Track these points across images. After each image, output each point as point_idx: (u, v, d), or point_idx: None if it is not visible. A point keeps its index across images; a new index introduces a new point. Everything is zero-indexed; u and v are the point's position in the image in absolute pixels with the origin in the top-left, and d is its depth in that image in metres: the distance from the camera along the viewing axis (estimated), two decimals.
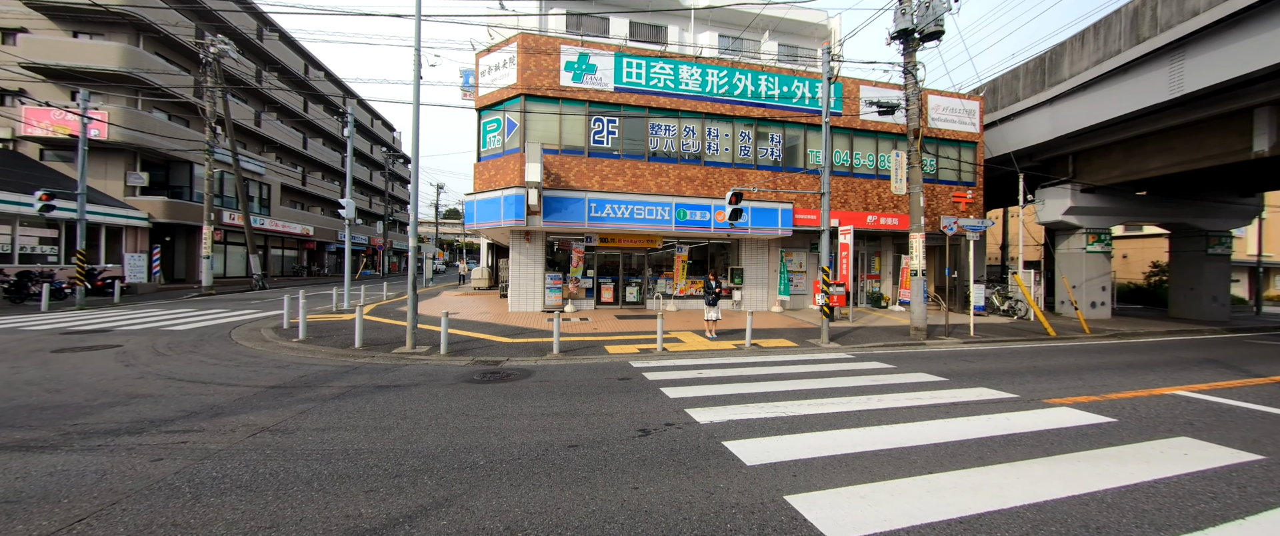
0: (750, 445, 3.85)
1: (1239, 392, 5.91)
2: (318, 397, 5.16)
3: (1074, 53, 13.19)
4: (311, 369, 6.57)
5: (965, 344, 9.61)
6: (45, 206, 12.76)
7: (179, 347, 7.92)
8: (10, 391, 5.21)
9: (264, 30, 27.53)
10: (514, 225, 12.01)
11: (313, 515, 2.73)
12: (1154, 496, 3.10)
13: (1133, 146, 13.18)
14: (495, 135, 12.95)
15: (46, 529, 2.56)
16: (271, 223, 26.90)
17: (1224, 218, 16.24)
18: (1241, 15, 9.20)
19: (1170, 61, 10.72)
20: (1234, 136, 11.08)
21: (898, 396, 5.44)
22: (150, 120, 20.02)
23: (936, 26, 9.78)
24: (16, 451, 3.57)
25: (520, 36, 12.40)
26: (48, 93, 18.84)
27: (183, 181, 22.50)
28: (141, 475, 3.21)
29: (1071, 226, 15.26)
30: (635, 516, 2.76)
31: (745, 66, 13.97)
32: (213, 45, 17.81)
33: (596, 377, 6.20)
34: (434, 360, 7.22)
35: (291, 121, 31.39)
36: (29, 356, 6.99)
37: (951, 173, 15.93)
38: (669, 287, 14.51)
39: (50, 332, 9.08)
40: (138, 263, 18.44)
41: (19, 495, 2.92)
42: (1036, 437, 4.16)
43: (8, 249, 15.61)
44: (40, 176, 17.42)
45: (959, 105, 15.76)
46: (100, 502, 2.84)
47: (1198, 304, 16.23)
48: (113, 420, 4.32)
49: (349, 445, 3.79)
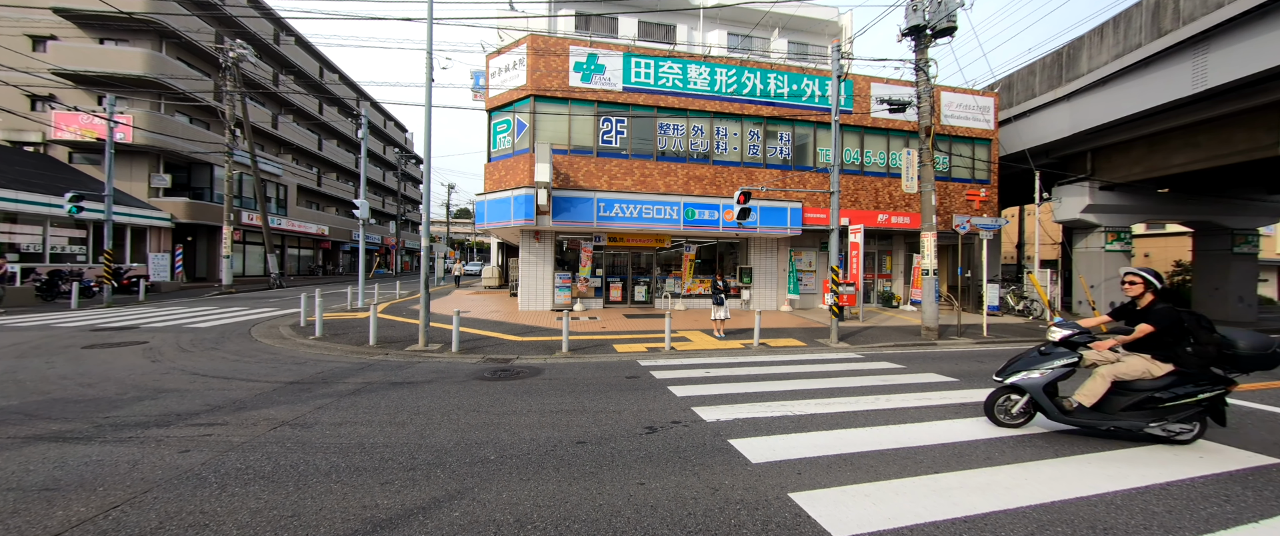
0: (756, 443, 3.89)
1: (1260, 395, 5.76)
2: (334, 393, 5.31)
3: (1093, 47, 12.91)
4: (328, 365, 6.75)
5: (978, 344, 9.49)
6: (75, 207, 13.23)
7: (202, 344, 8.18)
8: (46, 385, 5.45)
9: (281, 34, 28.13)
10: (524, 225, 12.14)
11: (331, 505, 2.84)
12: (1165, 498, 3.08)
13: (1155, 142, 12.85)
14: (505, 136, 13.09)
15: (84, 514, 2.71)
16: (288, 223, 27.51)
17: (1251, 215, 15.76)
18: (1268, 6, 8.94)
19: (1193, 55, 10.45)
20: (1262, 131, 10.75)
21: (906, 396, 5.42)
22: (173, 123, 20.61)
23: (949, 22, 9.64)
24: (54, 442, 3.75)
25: (530, 38, 12.51)
26: (76, 98, 19.51)
27: (204, 183, 23.13)
28: (171, 465, 3.36)
29: (1090, 225, 14.93)
30: (641, 511, 2.82)
31: (754, 65, 13.92)
32: (232, 50, 18.26)
33: (605, 376, 6.28)
34: (446, 357, 7.36)
35: (307, 124, 32.05)
36: (62, 352, 7.29)
37: (965, 170, 15.69)
38: (677, 287, 14.54)
39: (80, 329, 9.44)
40: (161, 262, 19.03)
41: (57, 483, 3.08)
42: (1047, 438, 4.12)
43: (39, 248, 16.22)
44: (69, 179, 18.07)
45: (972, 102, 15.51)
46: (133, 491, 2.98)
47: (1223, 304, 15.78)
48: (142, 413, 4.51)
49: (365, 439, 3.91)
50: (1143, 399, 3.83)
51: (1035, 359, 4.20)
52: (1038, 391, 4.05)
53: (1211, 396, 3.73)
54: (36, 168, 18.04)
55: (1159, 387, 3.81)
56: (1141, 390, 3.85)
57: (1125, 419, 3.88)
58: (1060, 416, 4.02)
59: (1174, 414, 3.80)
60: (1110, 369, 3.93)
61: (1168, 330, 3.81)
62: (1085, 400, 3.93)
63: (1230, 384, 3.76)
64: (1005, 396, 4.33)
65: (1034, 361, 4.18)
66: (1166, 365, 3.85)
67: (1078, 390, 4.01)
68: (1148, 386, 3.84)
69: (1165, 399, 3.77)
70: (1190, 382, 3.76)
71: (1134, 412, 3.87)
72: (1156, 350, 3.90)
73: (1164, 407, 3.80)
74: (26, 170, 17.08)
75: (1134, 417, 3.87)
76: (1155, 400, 3.80)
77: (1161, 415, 3.81)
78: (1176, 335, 3.80)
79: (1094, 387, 3.91)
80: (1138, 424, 3.87)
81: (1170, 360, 3.84)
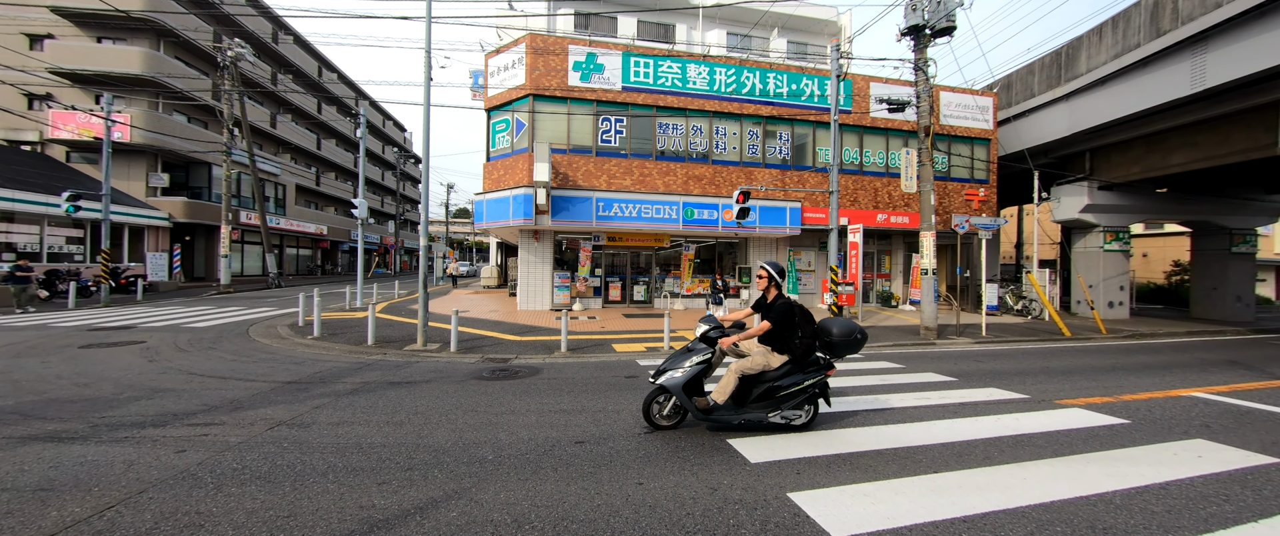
0: (755, 442, 3.88)
1: (1260, 395, 5.77)
2: (332, 393, 5.29)
3: (1092, 47, 12.91)
4: (326, 365, 6.73)
5: (977, 344, 9.49)
6: (73, 206, 13.19)
7: (199, 344, 8.15)
8: (42, 385, 5.43)
9: (279, 33, 28.06)
10: (523, 224, 12.12)
11: (328, 505, 2.82)
12: (1164, 498, 3.07)
13: (1154, 142, 12.86)
14: (504, 135, 13.07)
15: (79, 515, 2.69)
16: (287, 222, 27.45)
17: (1249, 215, 15.78)
18: (1266, 7, 8.94)
19: (1192, 55, 10.45)
20: (1260, 131, 10.75)
21: (905, 396, 5.42)
22: (170, 123, 20.56)
23: (948, 22, 9.65)
24: (50, 442, 3.73)
25: (529, 37, 12.49)
26: (73, 97, 19.44)
27: (202, 182, 23.08)
28: (166, 465, 3.34)
29: (1088, 224, 14.94)
30: (640, 511, 2.81)
31: (753, 65, 13.92)
32: (230, 49, 18.21)
33: (603, 375, 6.27)
34: (444, 357, 7.34)
35: (306, 123, 32.00)
36: (58, 352, 7.26)
37: (964, 170, 15.70)
38: (676, 286, 14.53)
39: (77, 329, 9.41)
40: (159, 261, 18.98)
41: (52, 483, 3.06)
42: (1046, 438, 4.12)
43: (36, 248, 16.17)
44: (67, 178, 18.01)
45: (972, 101, 15.52)
46: (128, 491, 2.96)
47: (1221, 304, 15.80)
48: (138, 413, 4.49)
49: (362, 439, 3.90)
50: (766, 389, 3.98)
51: (681, 356, 4.09)
52: (678, 390, 3.96)
53: (817, 381, 3.99)
54: (34, 167, 17.99)
55: (778, 377, 3.97)
56: (766, 381, 3.98)
57: (752, 411, 4.01)
58: (700, 415, 4.01)
59: (789, 401, 3.98)
60: (738, 363, 3.97)
61: (783, 323, 3.95)
62: (718, 396, 3.96)
63: (829, 368, 4.07)
64: (658, 397, 4.17)
65: (679, 359, 4.07)
66: (783, 356, 4.01)
67: (716, 387, 4.02)
68: (771, 377, 3.98)
69: (783, 387, 3.95)
70: (799, 371, 3.98)
71: (759, 404, 4.00)
72: (776, 342, 4.02)
73: (782, 396, 3.97)
74: (23, 169, 17.03)
75: (759, 409, 4.00)
76: (775, 389, 3.96)
77: (778, 403, 3.98)
78: (790, 328, 3.98)
79: (724, 383, 3.94)
80: (760, 415, 4.00)
81: (786, 351, 4.01)
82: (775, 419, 4.05)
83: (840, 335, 4.04)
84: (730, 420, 4.02)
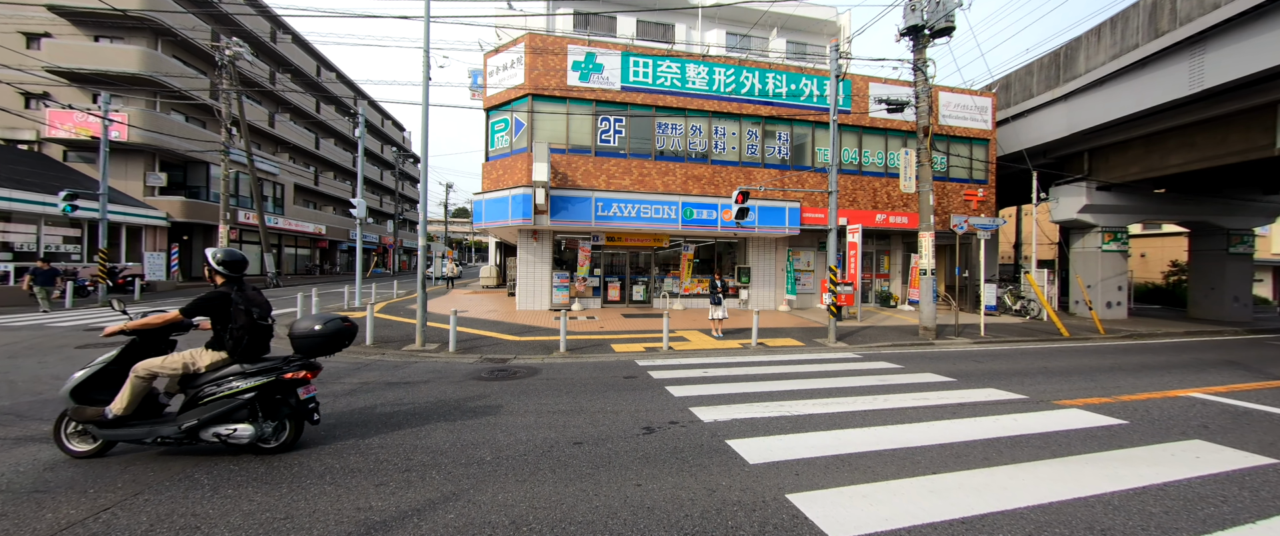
0: (754, 444, 3.87)
1: (1258, 395, 5.78)
2: (330, 393, 5.28)
3: (1090, 47, 12.93)
4: (324, 365, 6.71)
5: (975, 344, 9.50)
6: (70, 205, 13.15)
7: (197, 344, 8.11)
8: (38, 385, 5.41)
9: (278, 32, 27.99)
10: (521, 224, 12.10)
11: (325, 507, 2.81)
12: (1162, 499, 3.07)
13: (1152, 142, 12.88)
14: (503, 135, 13.05)
15: (74, 517, 2.68)
16: (285, 222, 27.40)
17: (1247, 216, 15.82)
18: (1264, 8, 8.96)
19: (1190, 56, 10.47)
20: (1258, 132, 10.78)
21: (904, 396, 5.42)
22: (168, 122, 20.49)
23: (947, 22, 9.65)
24: (46, 443, 3.71)
25: (528, 37, 12.47)
26: (71, 96, 19.36)
27: (200, 181, 23.02)
28: (162, 467, 3.32)
29: (1087, 225, 14.97)
30: (638, 512, 2.80)
31: (753, 65, 13.91)
32: (228, 48, 18.15)
33: (602, 376, 6.26)
34: (443, 357, 7.33)
35: (304, 122, 31.93)
36: (55, 352, 7.23)
37: (963, 170, 15.71)
38: (675, 286, 14.53)
39: (74, 329, 9.37)
40: (157, 261, 18.93)
41: (48, 485, 3.04)
42: (1044, 439, 4.12)
43: (33, 247, 16.11)
44: (64, 177, 17.95)
45: (970, 102, 15.53)
46: (124, 493, 2.95)
47: (1219, 304, 15.84)
48: None
49: (360, 440, 3.89)
50: (192, 395, 3.30)
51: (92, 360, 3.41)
52: (65, 397, 3.20)
53: (261, 385, 3.31)
54: (31, 166, 17.92)
55: (208, 381, 3.31)
56: (199, 385, 3.32)
57: (166, 425, 3.26)
58: (98, 431, 3.24)
59: (214, 408, 3.26)
60: (143, 364, 3.25)
61: (217, 314, 3.33)
62: (115, 407, 3.20)
63: (283, 371, 3.36)
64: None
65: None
66: (219, 353, 3.37)
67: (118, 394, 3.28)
68: (205, 381, 3.33)
69: (207, 394, 3.28)
70: (238, 374, 3.33)
71: (183, 415, 3.29)
72: (213, 337, 3.43)
73: (204, 403, 3.28)
74: (20, 168, 16.96)
75: (173, 422, 3.27)
76: (199, 396, 3.28)
77: (204, 411, 3.26)
78: (226, 317, 3.35)
79: (124, 391, 3.21)
80: (173, 429, 3.23)
81: (220, 347, 3.39)
82: (208, 437, 3.27)
83: (299, 333, 3.46)
84: (140, 437, 3.24)
